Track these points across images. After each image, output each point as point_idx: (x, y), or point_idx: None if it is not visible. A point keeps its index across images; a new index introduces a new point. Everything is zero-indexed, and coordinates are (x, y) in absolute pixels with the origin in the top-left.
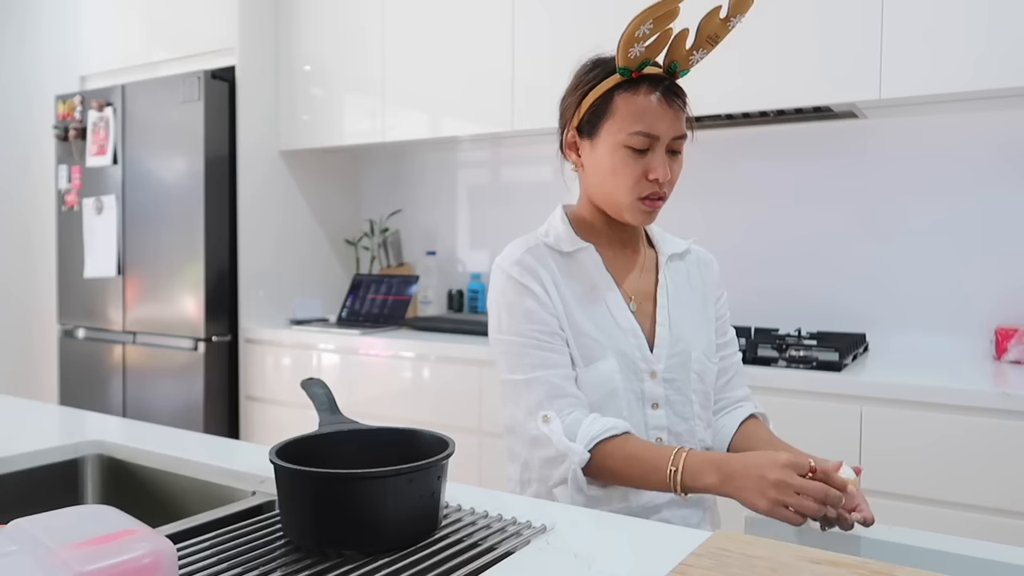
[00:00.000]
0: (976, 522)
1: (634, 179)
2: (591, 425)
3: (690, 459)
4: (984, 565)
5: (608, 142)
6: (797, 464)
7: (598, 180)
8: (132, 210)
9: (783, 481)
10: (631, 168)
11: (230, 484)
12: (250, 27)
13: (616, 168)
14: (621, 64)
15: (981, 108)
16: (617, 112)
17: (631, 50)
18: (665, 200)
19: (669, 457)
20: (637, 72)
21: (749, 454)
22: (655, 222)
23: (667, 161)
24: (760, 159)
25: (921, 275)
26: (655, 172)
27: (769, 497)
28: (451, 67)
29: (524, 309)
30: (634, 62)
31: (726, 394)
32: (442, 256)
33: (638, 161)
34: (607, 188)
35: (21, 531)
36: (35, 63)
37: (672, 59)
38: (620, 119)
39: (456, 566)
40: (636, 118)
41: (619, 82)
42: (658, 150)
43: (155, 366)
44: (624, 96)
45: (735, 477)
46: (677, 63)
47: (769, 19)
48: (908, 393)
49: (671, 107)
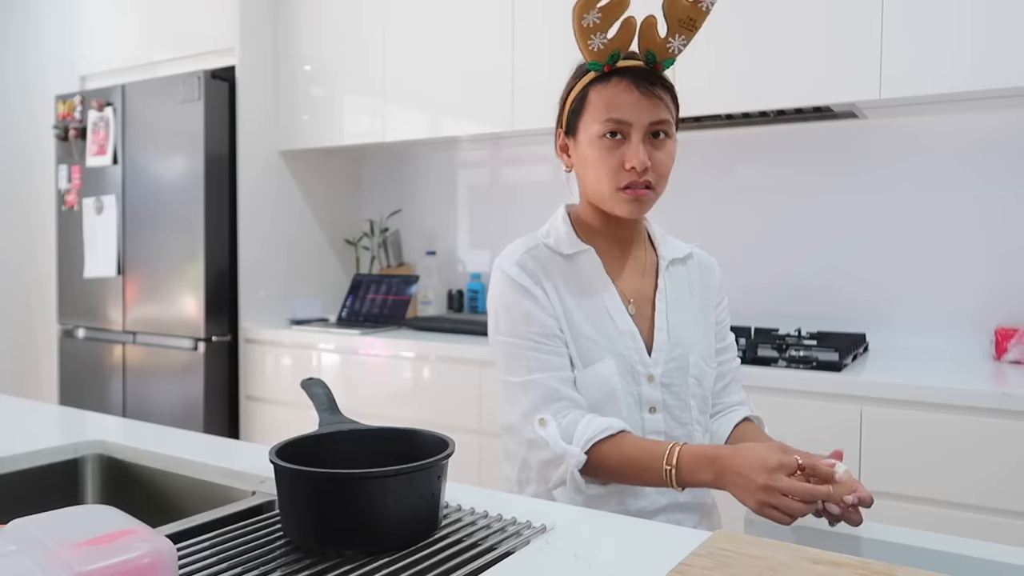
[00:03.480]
0: (976, 522)
1: (611, 169)
2: (587, 426)
3: (684, 456)
4: (984, 565)
5: (586, 136)
6: (785, 465)
7: (584, 176)
8: (132, 210)
9: (769, 485)
10: (608, 159)
11: (230, 484)
12: (250, 27)
13: (595, 160)
14: (588, 59)
15: (981, 108)
16: (591, 106)
17: (590, 42)
18: (653, 190)
19: (663, 455)
20: (610, 66)
21: (741, 449)
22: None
23: (647, 149)
24: (760, 159)
25: (921, 275)
26: (630, 160)
27: (757, 499)
28: (451, 67)
29: (522, 311)
30: (600, 55)
31: (723, 398)
32: (442, 256)
33: (614, 151)
34: (591, 183)
35: (21, 531)
36: (35, 63)
37: (648, 49)
38: (593, 111)
39: (456, 566)
40: (606, 108)
41: (594, 77)
42: (633, 137)
43: (155, 366)
44: (596, 89)
45: (727, 474)
46: (654, 53)
47: (769, 19)
48: (908, 393)
49: (642, 93)
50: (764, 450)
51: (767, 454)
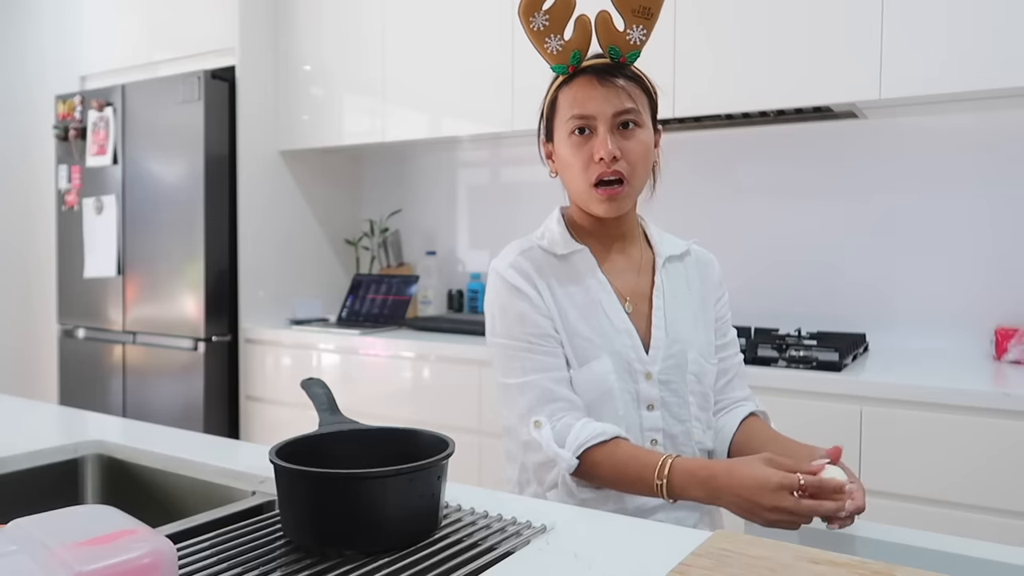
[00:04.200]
0: (976, 522)
1: (582, 164)
2: (580, 431)
3: (675, 472)
4: (984, 565)
5: (560, 138)
6: (787, 484)
7: (565, 178)
8: (132, 210)
9: (778, 507)
10: (578, 154)
11: (230, 484)
12: (250, 27)
13: (568, 159)
14: (550, 63)
15: (981, 108)
16: (560, 107)
17: (546, 45)
18: (628, 183)
19: (655, 468)
20: (574, 66)
21: (735, 469)
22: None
23: (615, 140)
24: (760, 159)
25: (921, 275)
26: (597, 152)
27: (767, 519)
28: (451, 67)
29: (517, 312)
30: (562, 57)
31: (726, 395)
32: (442, 256)
33: (583, 147)
34: (569, 183)
35: (21, 531)
36: (35, 63)
37: (609, 44)
38: (561, 112)
39: (456, 566)
40: (571, 105)
41: (561, 80)
42: (599, 130)
43: (155, 366)
44: (563, 90)
45: (723, 495)
46: (617, 47)
47: (769, 20)
48: (908, 393)
49: (604, 85)
50: (761, 471)
51: (766, 476)
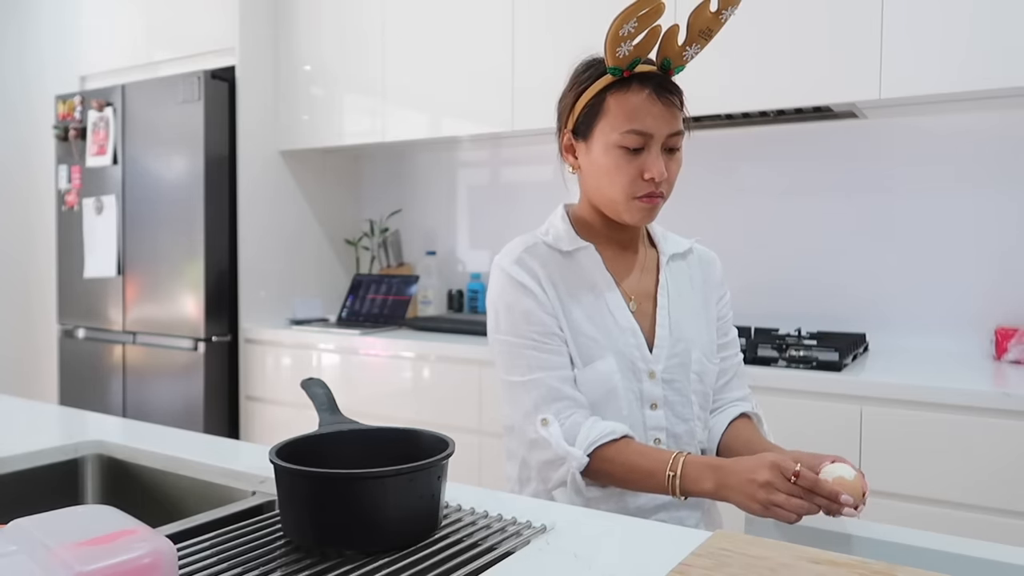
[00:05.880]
0: (976, 522)
1: (629, 179)
2: (590, 429)
3: (688, 464)
4: (984, 565)
5: (602, 143)
6: (782, 467)
7: (595, 182)
8: (132, 210)
9: (769, 482)
10: (626, 168)
11: (230, 484)
12: (250, 27)
13: (611, 169)
14: (611, 64)
15: (981, 108)
16: (609, 112)
17: (618, 49)
18: (664, 199)
19: (668, 462)
20: (628, 71)
21: (743, 459)
22: (657, 221)
23: (663, 159)
24: (760, 159)
25: (921, 275)
26: (650, 171)
27: (759, 499)
28: (451, 67)
29: (522, 309)
30: (623, 61)
31: (724, 394)
32: (442, 256)
33: (633, 161)
34: (604, 189)
35: (21, 531)
36: (35, 63)
37: (665, 56)
38: (613, 119)
39: (456, 566)
40: (628, 117)
41: (611, 82)
42: (653, 148)
43: (155, 366)
44: (616, 96)
45: (729, 483)
46: (670, 60)
47: (769, 19)
48: (908, 393)
49: (664, 104)
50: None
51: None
